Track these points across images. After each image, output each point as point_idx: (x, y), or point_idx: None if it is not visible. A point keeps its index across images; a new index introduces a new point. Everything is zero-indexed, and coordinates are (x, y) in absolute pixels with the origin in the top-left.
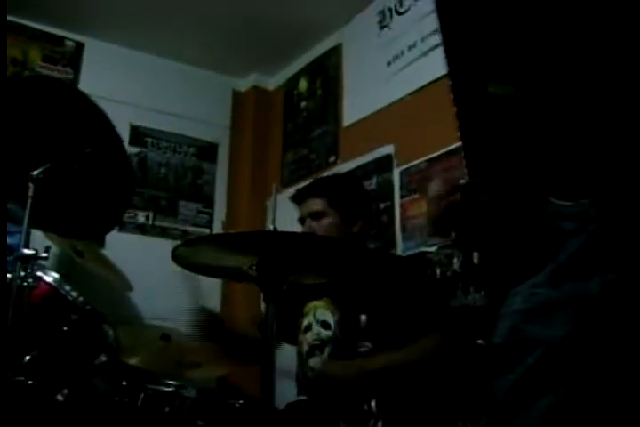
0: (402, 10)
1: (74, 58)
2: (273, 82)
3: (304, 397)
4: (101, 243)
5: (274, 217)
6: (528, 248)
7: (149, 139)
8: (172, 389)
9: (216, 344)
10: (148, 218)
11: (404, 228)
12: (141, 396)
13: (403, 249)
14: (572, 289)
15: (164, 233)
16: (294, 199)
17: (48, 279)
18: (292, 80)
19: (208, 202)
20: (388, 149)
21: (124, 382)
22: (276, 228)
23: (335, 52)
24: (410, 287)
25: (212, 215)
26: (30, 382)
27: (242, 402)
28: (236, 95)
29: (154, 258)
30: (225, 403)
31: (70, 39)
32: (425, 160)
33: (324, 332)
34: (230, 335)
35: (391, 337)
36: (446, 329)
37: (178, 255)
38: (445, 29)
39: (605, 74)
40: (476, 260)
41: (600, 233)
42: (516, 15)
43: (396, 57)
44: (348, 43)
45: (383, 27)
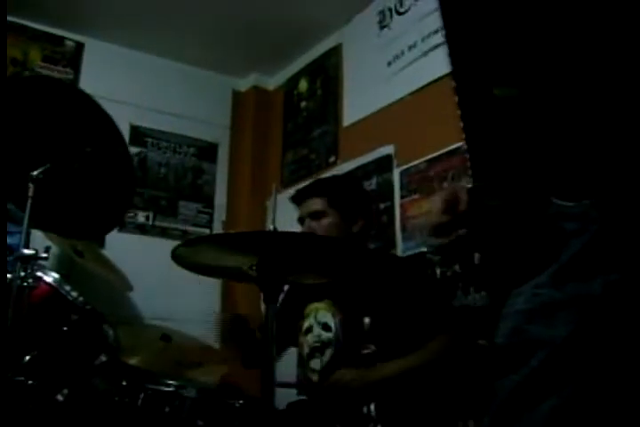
0: (402, 10)
1: (74, 58)
2: (273, 82)
3: (304, 397)
4: (101, 243)
5: (274, 217)
6: (530, 249)
7: (149, 139)
8: (172, 389)
9: (239, 348)
10: (148, 218)
11: (404, 228)
12: (141, 396)
13: (403, 249)
14: (575, 289)
15: (164, 233)
16: (294, 200)
17: (48, 279)
18: (293, 80)
19: (208, 202)
20: (388, 150)
21: (124, 383)
22: (276, 228)
23: (335, 52)
24: (412, 288)
25: (211, 215)
26: (30, 382)
27: (242, 402)
28: (236, 95)
29: (154, 258)
30: (225, 403)
31: (70, 39)
32: (425, 160)
33: (324, 334)
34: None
35: (395, 339)
36: (451, 331)
37: (178, 255)
38: (449, 30)
39: (607, 76)
40: (476, 260)
41: (602, 233)
42: (520, 16)
43: (397, 57)
44: (348, 43)
45: (383, 27)
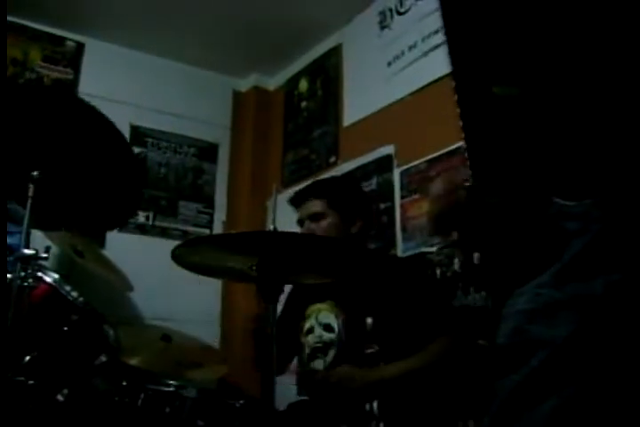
0: (402, 10)
1: (74, 58)
2: (273, 82)
3: (305, 397)
4: (102, 243)
5: (274, 217)
6: (532, 248)
7: (150, 139)
8: (172, 389)
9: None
10: (148, 218)
11: (404, 228)
12: (142, 396)
13: (403, 249)
14: (576, 290)
15: (164, 233)
16: (293, 202)
17: (48, 280)
18: (293, 80)
19: (208, 202)
20: (388, 150)
21: (124, 383)
22: (276, 228)
23: (335, 53)
24: (412, 289)
25: (212, 215)
26: (30, 383)
27: (242, 402)
28: (237, 95)
29: (154, 258)
30: (225, 403)
31: (71, 39)
32: (425, 160)
33: (326, 335)
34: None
35: (398, 339)
36: (452, 333)
37: (178, 256)
38: (449, 30)
39: (608, 75)
40: (476, 260)
41: (604, 233)
42: (520, 16)
43: (397, 57)
44: (348, 43)
45: (384, 27)
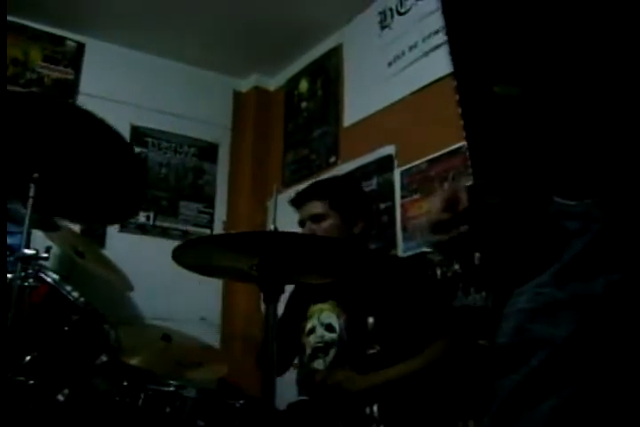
0: (403, 10)
1: (74, 58)
2: (274, 82)
3: (305, 397)
4: (102, 243)
5: (274, 217)
6: (532, 248)
7: (150, 139)
8: (172, 389)
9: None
10: (148, 218)
11: (404, 228)
12: (142, 396)
13: (403, 249)
14: (577, 289)
15: (164, 233)
16: (293, 203)
17: (49, 280)
18: (293, 81)
19: (209, 202)
20: (388, 150)
21: (124, 383)
22: (276, 228)
23: (336, 53)
24: (414, 289)
25: (212, 215)
26: (31, 382)
27: (242, 402)
28: (237, 96)
29: (154, 258)
30: (225, 403)
31: (71, 39)
32: (426, 160)
33: (328, 335)
34: None
35: (399, 339)
36: (452, 334)
37: (178, 256)
38: (450, 29)
39: (609, 75)
40: (476, 260)
41: (604, 233)
42: (521, 15)
43: (397, 57)
44: (348, 43)
45: (384, 27)
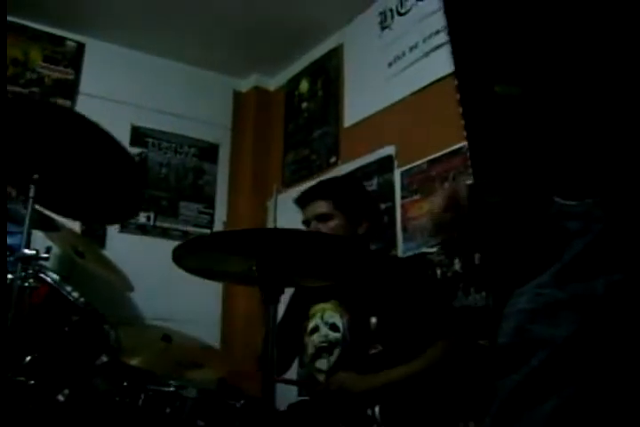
0: (403, 10)
1: (75, 58)
2: (274, 82)
3: (305, 397)
4: (102, 243)
5: (275, 217)
6: (533, 248)
7: (150, 139)
8: (172, 389)
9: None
10: (148, 218)
11: (404, 229)
12: (142, 396)
13: (403, 250)
14: (577, 289)
15: (164, 234)
16: (298, 202)
17: (49, 280)
18: (293, 81)
19: (209, 202)
20: (388, 150)
21: (124, 383)
22: (277, 228)
23: (336, 53)
24: (415, 290)
25: (212, 216)
26: (31, 383)
27: (242, 403)
28: (237, 96)
29: (155, 259)
30: (226, 403)
31: (71, 39)
32: (426, 161)
33: (332, 334)
34: None
35: (401, 339)
36: (453, 336)
37: (179, 258)
38: (452, 29)
39: (609, 75)
40: (477, 260)
41: (605, 233)
42: (522, 15)
43: (397, 58)
44: (349, 43)
45: (384, 27)
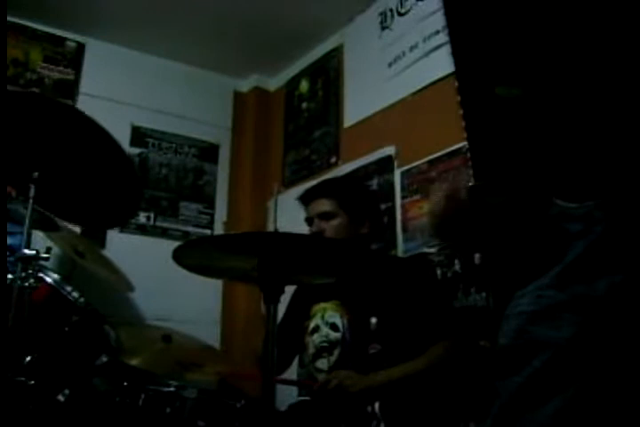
0: (403, 11)
1: (75, 58)
2: (274, 83)
3: (305, 397)
4: (102, 243)
5: (275, 218)
6: (534, 250)
7: (150, 139)
8: (172, 389)
9: None
10: (148, 219)
11: (404, 229)
12: (142, 396)
13: (403, 250)
14: (579, 291)
15: (164, 234)
16: (302, 199)
17: (49, 280)
18: (294, 81)
19: (209, 203)
20: (389, 150)
21: (124, 383)
22: (277, 228)
23: (336, 53)
24: (415, 290)
25: (213, 216)
26: (31, 383)
27: (243, 403)
28: (238, 96)
29: (155, 259)
30: (226, 404)
31: (71, 40)
32: (426, 161)
33: (332, 334)
34: None
35: (401, 340)
36: (453, 336)
37: (179, 256)
38: (452, 30)
39: (610, 77)
40: (477, 261)
41: (606, 235)
42: (523, 16)
43: (398, 58)
44: (349, 44)
45: (384, 28)
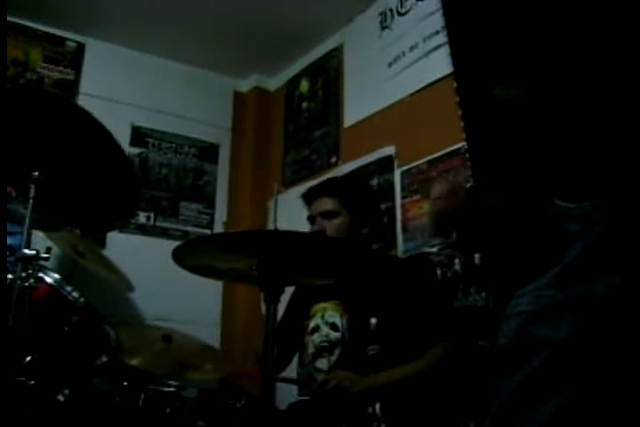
0: (403, 11)
1: (75, 58)
2: (274, 83)
3: (305, 397)
4: (102, 243)
5: (275, 218)
6: (533, 250)
7: (150, 139)
8: (172, 389)
9: None
10: (148, 219)
11: (404, 229)
12: (142, 396)
13: (403, 250)
14: (578, 291)
15: (164, 234)
16: (305, 197)
17: (49, 280)
18: (294, 81)
19: (209, 203)
20: (388, 150)
21: (124, 383)
22: (277, 228)
23: (336, 53)
24: (415, 291)
25: (212, 216)
26: (31, 383)
27: (243, 403)
28: (238, 96)
29: (155, 259)
30: (226, 404)
31: (71, 40)
32: (426, 161)
33: (333, 334)
34: None
35: (401, 341)
36: (453, 338)
37: (179, 257)
38: (451, 31)
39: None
40: (477, 261)
41: (605, 235)
42: (522, 17)
43: (398, 58)
44: (349, 44)
45: (384, 27)
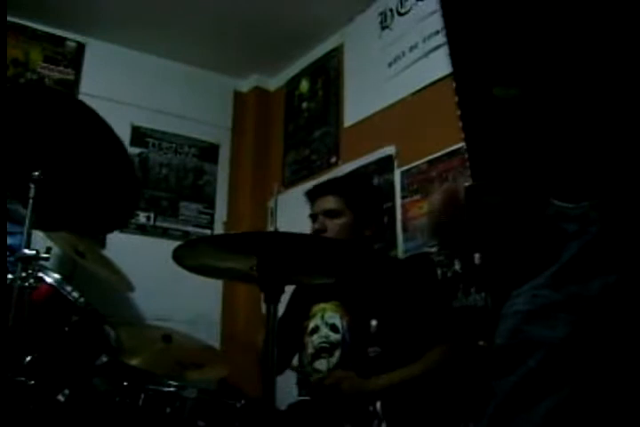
0: (403, 10)
1: (75, 58)
2: (274, 83)
3: (305, 397)
4: (103, 244)
5: (275, 218)
6: (530, 250)
7: (150, 139)
8: (172, 389)
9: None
10: (149, 219)
11: (404, 229)
12: (142, 396)
13: (404, 250)
14: (573, 291)
15: (164, 234)
16: (309, 195)
17: (49, 280)
18: (294, 81)
19: (209, 203)
20: (389, 150)
21: (124, 383)
22: (277, 228)
23: (336, 53)
24: (415, 292)
25: (212, 216)
26: (31, 383)
27: (243, 403)
28: (238, 96)
29: (155, 259)
30: (226, 404)
31: (71, 40)
32: (426, 161)
33: (333, 335)
34: None
35: (401, 342)
36: (452, 340)
37: (179, 257)
38: (450, 31)
39: (608, 77)
40: (477, 261)
41: (601, 235)
42: (521, 17)
43: (398, 58)
44: (349, 44)
45: (384, 27)
